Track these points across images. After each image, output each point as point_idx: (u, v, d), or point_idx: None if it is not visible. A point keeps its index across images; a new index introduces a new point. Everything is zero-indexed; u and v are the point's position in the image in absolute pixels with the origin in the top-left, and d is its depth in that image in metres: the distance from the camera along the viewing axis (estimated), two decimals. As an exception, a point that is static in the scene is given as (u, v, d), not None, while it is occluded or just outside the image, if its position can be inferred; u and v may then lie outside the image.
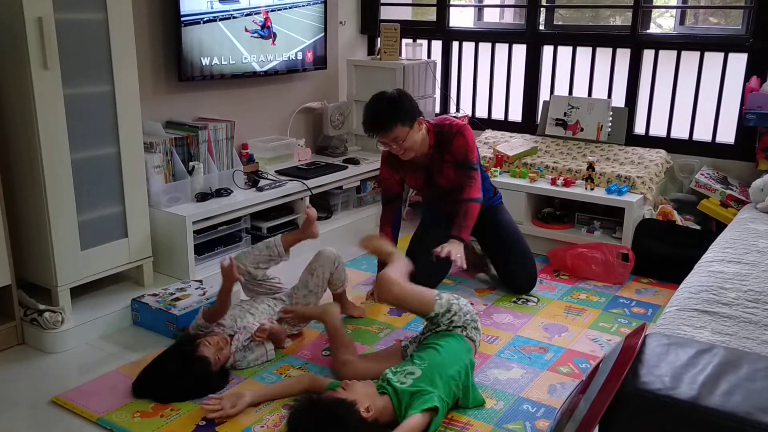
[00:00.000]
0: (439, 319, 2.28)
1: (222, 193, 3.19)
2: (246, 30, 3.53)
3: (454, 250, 2.64)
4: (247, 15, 3.52)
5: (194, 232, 2.99)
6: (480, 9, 4.42)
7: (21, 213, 2.59)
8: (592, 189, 3.42)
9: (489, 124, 4.23)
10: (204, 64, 3.36)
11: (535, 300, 3.03)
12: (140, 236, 2.85)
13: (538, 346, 2.61)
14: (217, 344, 2.31)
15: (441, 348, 2.17)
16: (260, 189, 3.31)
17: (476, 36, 4.25)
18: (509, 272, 3.10)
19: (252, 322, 2.47)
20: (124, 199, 2.76)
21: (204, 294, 2.76)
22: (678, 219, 3.34)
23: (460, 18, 4.46)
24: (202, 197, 3.11)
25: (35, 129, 2.42)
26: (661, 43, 3.70)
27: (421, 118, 2.80)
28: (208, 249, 3.14)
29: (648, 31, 3.73)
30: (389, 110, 2.73)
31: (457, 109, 4.36)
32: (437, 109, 4.38)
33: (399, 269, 2.38)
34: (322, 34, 3.98)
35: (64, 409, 2.18)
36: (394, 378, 2.07)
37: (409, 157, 2.82)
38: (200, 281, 2.92)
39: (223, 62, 3.45)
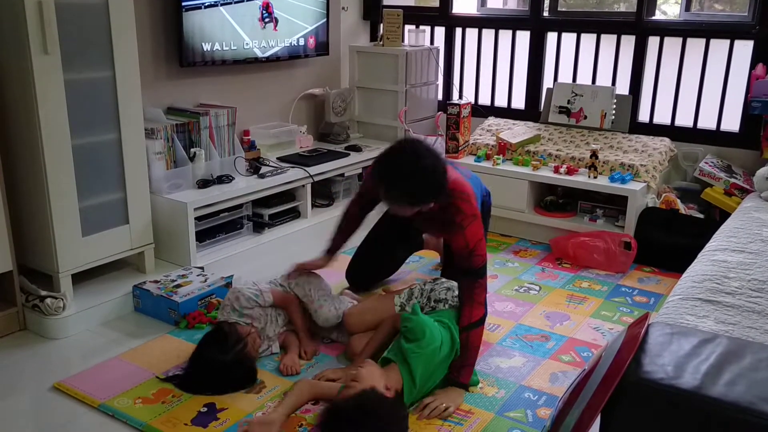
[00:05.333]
0: (414, 306, 2.29)
1: (223, 179, 3.17)
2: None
3: (447, 402, 2.11)
4: (248, 0, 3.50)
5: (195, 218, 2.98)
6: (483, -5, 4.39)
7: (22, 199, 2.58)
8: (595, 177, 3.40)
9: (492, 111, 4.20)
10: (205, 49, 3.33)
11: (537, 288, 3.02)
12: (141, 223, 2.84)
13: (540, 334, 2.61)
14: (251, 336, 2.30)
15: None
16: (262, 176, 3.30)
17: (479, 22, 4.22)
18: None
19: (275, 331, 2.45)
20: (125, 186, 2.75)
21: (206, 281, 2.75)
22: (681, 207, 3.33)
23: (464, 4, 4.42)
24: (204, 184, 3.10)
25: (35, 115, 2.41)
26: (666, 30, 3.67)
27: None
28: (209, 236, 3.14)
29: (653, 17, 3.70)
30: (425, 190, 2.20)
31: (460, 96, 4.33)
32: (440, 96, 4.36)
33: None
34: (325, 19, 3.95)
35: (65, 395, 2.18)
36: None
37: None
38: (201, 268, 2.91)
39: (224, 48, 3.43)
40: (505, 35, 4.12)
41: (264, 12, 3.59)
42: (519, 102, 4.16)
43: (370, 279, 2.99)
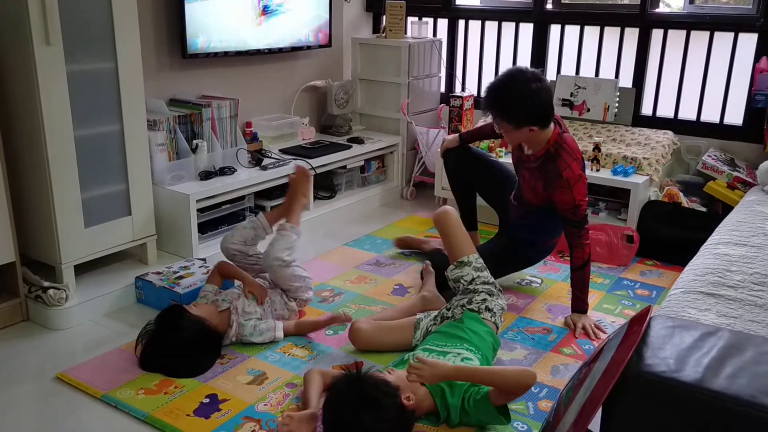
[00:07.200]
0: (467, 272, 2.35)
1: (226, 171, 3.17)
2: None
3: (587, 324, 2.56)
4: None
5: (198, 210, 2.99)
6: (487, -13, 4.37)
7: (25, 190, 2.58)
8: (597, 170, 3.40)
9: (494, 103, 4.19)
10: (208, 41, 3.32)
11: (539, 281, 3.02)
12: (144, 214, 2.84)
13: (542, 327, 2.61)
14: (204, 309, 2.36)
15: (477, 336, 2.21)
16: (264, 168, 3.30)
17: (483, 14, 4.20)
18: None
19: (271, 310, 2.49)
20: (127, 177, 2.75)
21: (208, 272, 2.75)
22: (684, 201, 3.33)
23: (467, -4, 4.41)
24: (206, 175, 3.10)
25: (38, 106, 2.41)
26: (670, 22, 3.65)
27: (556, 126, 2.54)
28: (211, 227, 3.14)
29: (657, 10, 3.68)
30: (521, 108, 2.44)
31: (463, 89, 4.32)
32: (442, 88, 4.35)
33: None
34: (327, 11, 3.94)
35: (68, 386, 2.19)
36: (449, 360, 2.06)
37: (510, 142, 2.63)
38: (204, 260, 2.92)
39: (227, 39, 3.41)
40: (508, 27, 4.10)
41: (266, 3, 3.58)
42: (522, 94, 4.14)
43: (464, 163, 3.09)
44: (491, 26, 4.16)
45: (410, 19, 4.20)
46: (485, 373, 1.94)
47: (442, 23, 4.34)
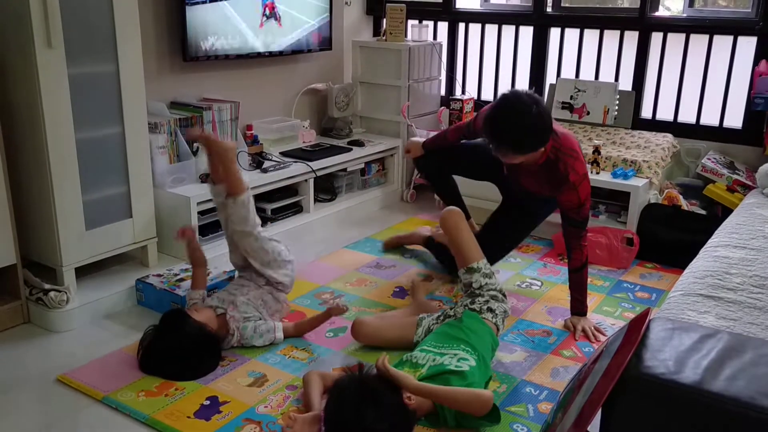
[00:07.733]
0: (476, 279, 2.37)
1: (226, 174, 3.18)
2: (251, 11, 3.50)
3: (586, 326, 2.57)
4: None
5: (198, 213, 2.99)
6: (487, -10, 4.38)
7: (26, 193, 2.59)
8: (597, 173, 3.40)
9: (494, 106, 4.20)
10: (209, 44, 3.33)
11: (539, 284, 3.03)
12: (145, 217, 2.85)
13: (542, 329, 2.62)
14: (204, 314, 2.36)
15: (475, 335, 2.21)
16: (264, 170, 3.30)
17: (483, 17, 4.22)
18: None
19: (243, 300, 2.47)
20: (128, 180, 2.76)
21: (208, 275, 2.76)
22: (683, 204, 3.33)
23: (467, -1, 4.42)
24: (207, 178, 3.10)
25: (40, 108, 2.42)
26: (669, 25, 3.66)
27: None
28: (212, 230, 3.14)
29: (656, 13, 3.69)
30: (532, 137, 2.37)
31: (463, 92, 4.33)
32: (443, 91, 4.36)
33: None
34: (328, 14, 3.95)
35: (69, 388, 2.20)
36: (445, 361, 2.07)
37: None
38: (204, 262, 2.92)
39: (228, 42, 3.42)
40: (509, 30, 4.11)
41: (267, 7, 3.59)
42: (522, 97, 4.15)
43: (441, 163, 3.06)
44: (491, 29, 4.17)
45: (410, 22, 4.21)
46: (443, 394, 1.94)
47: (443, 26, 4.35)
